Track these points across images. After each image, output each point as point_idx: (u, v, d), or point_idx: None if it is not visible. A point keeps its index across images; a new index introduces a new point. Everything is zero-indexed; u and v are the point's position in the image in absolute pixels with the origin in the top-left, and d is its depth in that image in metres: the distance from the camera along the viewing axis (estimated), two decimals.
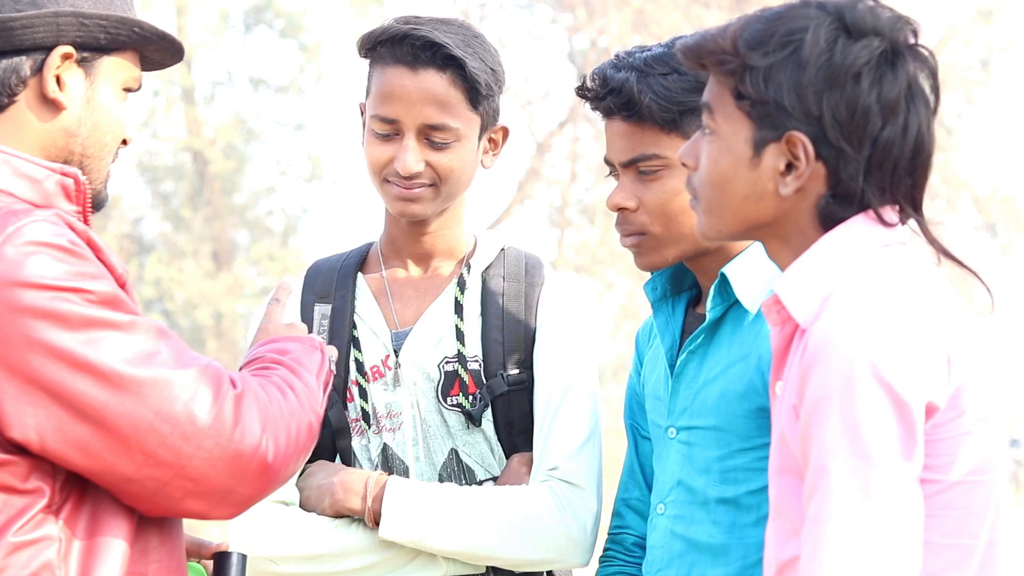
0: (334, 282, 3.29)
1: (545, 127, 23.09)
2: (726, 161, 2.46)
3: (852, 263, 2.40)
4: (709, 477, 2.98)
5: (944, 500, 2.38)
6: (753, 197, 2.45)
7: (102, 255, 2.48)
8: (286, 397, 2.53)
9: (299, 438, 2.52)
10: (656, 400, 3.12)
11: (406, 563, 3.14)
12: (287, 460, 2.50)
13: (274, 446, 2.46)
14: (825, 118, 2.39)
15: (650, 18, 21.72)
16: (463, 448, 3.21)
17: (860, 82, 2.39)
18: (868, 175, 2.42)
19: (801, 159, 2.41)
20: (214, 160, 22.93)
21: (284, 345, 2.68)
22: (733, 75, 2.44)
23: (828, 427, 2.31)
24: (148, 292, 22.54)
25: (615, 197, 3.03)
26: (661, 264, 3.05)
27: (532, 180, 23.12)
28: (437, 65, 3.14)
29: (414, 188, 3.17)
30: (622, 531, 3.21)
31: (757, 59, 2.41)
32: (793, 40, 2.40)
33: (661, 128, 2.97)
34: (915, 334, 2.33)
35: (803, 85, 2.39)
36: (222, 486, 2.43)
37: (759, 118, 2.42)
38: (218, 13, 23.83)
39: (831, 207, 2.44)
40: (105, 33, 2.58)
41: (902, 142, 2.42)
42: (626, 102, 2.98)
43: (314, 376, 2.62)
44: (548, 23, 23.45)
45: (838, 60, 2.39)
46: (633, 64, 3.00)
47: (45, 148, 2.58)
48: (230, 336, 22.96)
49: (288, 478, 2.55)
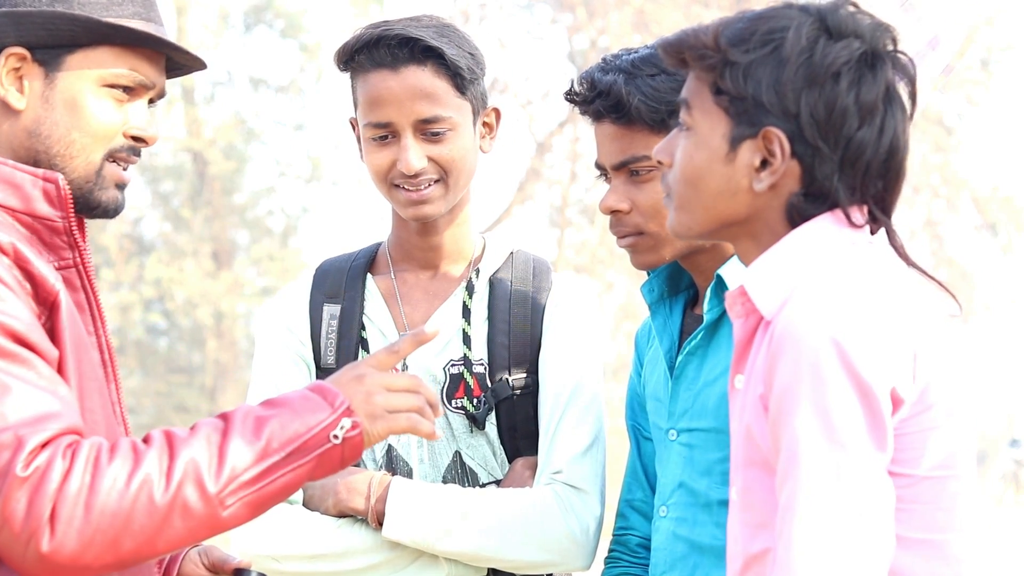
0: (343, 283, 3.30)
1: (545, 127, 23.08)
2: (701, 156, 2.47)
3: (819, 258, 2.42)
4: (711, 479, 2.98)
5: (912, 494, 2.39)
6: (727, 193, 2.47)
7: (31, 267, 2.45)
8: (130, 478, 2.36)
9: (126, 524, 2.35)
10: (656, 402, 3.12)
11: (408, 564, 3.14)
12: (86, 547, 2.33)
13: (61, 533, 2.32)
14: (803, 116, 2.41)
15: (650, 18, 21.71)
16: (467, 451, 3.21)
17: (839, 82, 2.41)
18: (841, 174, 2.44)
19: (777, 155, 2.43)
20: (214, 160, 22.92)
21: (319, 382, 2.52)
22: (713, 70, 2.45)
23: (798, 414, 2.33)
24: (148, 292, 22.53)
25: (608, 200, 3.03)
26: (657, 263, 3.05)
27: (532, 180, 23.11)
28: (417, 60, 3.15)
29: (423, 188, 3.18)
30: (626, 532, 3.21)
31: (738, 55, 2.43)
32: (774, 38, 2.43)
33: (651, 129, 2.98)
34: (879, 324, 2.34)
35: (782, 82, 2.41)
36: (17, 564, 2.36)
37: (737, 114, 2.44)
38: (218, 13, 23.82)
39: (802, 205, 2.45)
40: (44, 30, 2.56)
41: (877, 144, 2.44)
42: (615, 104, 2.98)
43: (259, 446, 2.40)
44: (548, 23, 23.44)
45: (818, 59, 2.41)
46: (620, 66, 3.00)
47: (14, 150, 2.58)
48: (230, 336, 22.95)
49: (123, 561, 2.38)
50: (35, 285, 2.46)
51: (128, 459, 2.37)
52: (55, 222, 2.54)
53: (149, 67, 2.65)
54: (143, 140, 2.64)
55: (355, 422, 2.46)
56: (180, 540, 2.39)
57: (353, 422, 2.45)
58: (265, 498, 2.42)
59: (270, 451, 2.41)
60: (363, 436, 2.46)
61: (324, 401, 2.46)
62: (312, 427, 2.44)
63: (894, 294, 2.39)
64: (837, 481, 2.31)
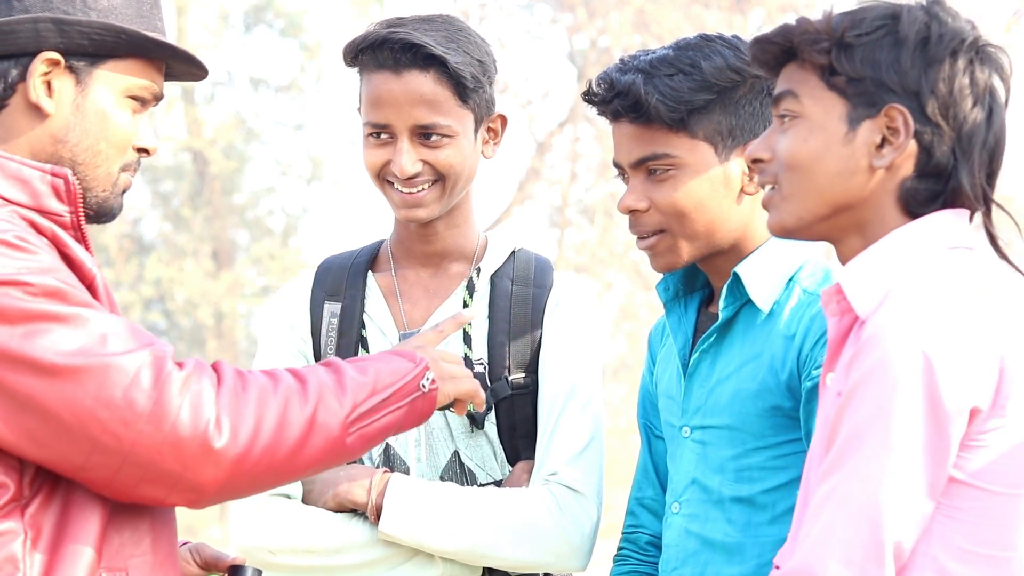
0: (344, 280, 3.30)
1: (545, 127, 23.09)
2: (817, 140, 2.50)
3: (916, 261, 2.44)
4: (724, 476, 2.99)
5: (983, 508, 2.39)
6: (846, 173, 2.49)
7: (69, 250, 2.50)
8: (276, 386, 2.50)
9: (282, 429, 2.48)
10: (669, 400, 3.12)
11: (403, 562, 3.14)
12: (252, 447, 2.45)
13: (229, 431, 2.43)
14: (924, 92, 2.46)
15: (650, 18, 21.72)
16: (465, 451, 3.21)
17: (957, 61, 2.47)
18: (959, 153, 2.48)
19: (900, 131, 2.46)
20: (214, 160, 22.93)
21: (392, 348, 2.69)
22: (827, 53, 2.49)
23: (861, 411, 2.34)
24: (148, 292, 22.55)
25: (626, 200, 3.04)
26: (676, 264, 3.06)
27: (532, 180, 23.12)
28: (419, 66, 3.15)
29: (417, 192, 3.18)
30: (636, 530, 3.22)
31: (853, 38, 2.48)
32: (887, 23, 2.49)
33: (669, 128, 2.99)
34: (968, 339, 2.35)
35: (901, 61, 2.47)
36: (173, 472, 2.42)
37: (855, 95, 2.48)
38: (218, 13, 23.83)
39: (917, 187, 2.48)
40: (88, 39, 2.59)
41: (987, 128, 2.49)
42: (634, 104, 2.99)
43: (367, 380, 2.57)
44: (548, 23, 23.44)
45: (935, 39, 2.47)
46: (638, 66, 3.01)
47: (35, 153, 2.59)
48: (230, 336, 22.96)
49: (275, 471, 2.49)
50: (74, 268, 2.50)
51: (262, 375, 2.51)
52: (63, 217, 2.56)
53: (160, 78, 2.69)
54: (147, 151, 2.69)
55: (433, 378, 2.66)
56: (316, 459, 2.52)
57: (432, 378, 2.66)
58: (374, 433, 2.58)
59: (378, 388, 2.58)
60: (438, 393, 2.67)
61: (405, 359, 2.64)
62: (405, 374, 2.62)
63: (985, 305, 2.40)
64: (878, 484, 2.32)
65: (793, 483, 2.91)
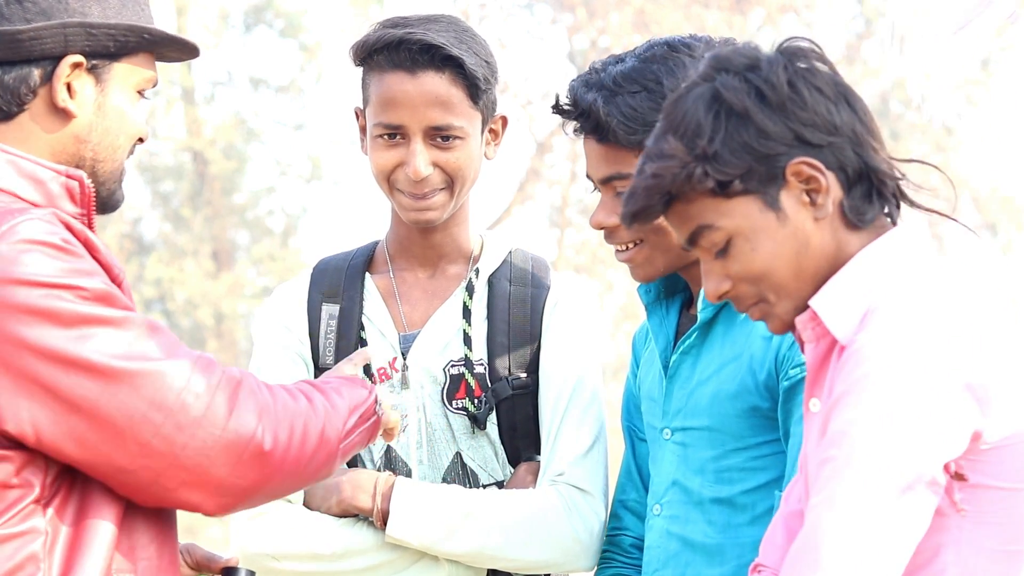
0: (342, 282, 3.29)
1: (545, 127, 23.08)
2: (760, 243, 2.48)
3: (891, 277, 2.44)
4: (704, 477, 3.00)
5: (1005, 507, 2.40)
6: (804, 246, 2.48)
7: (99, 254, 2.51)
8: (295, 399, 2.55)
9: (305, 439, 2.52)
10: (651, 401, 3.13)
11: (408, 566, 3.14)
12: (287, 454, 2.49)
13: (272, 437, 2.47)
14: (797, 131, 2.44)
15: (650, 18, 21.71)
16: (467, 452, 3.21)
17: (794, 86, 2.45)
18: (858, 152, 2.47)
19: (815, 176, 2.45)
20: (214, 160, 22.92)
21: (327, 377, 2.73)
22: (705, 178, 2.45)
23: (858, 406, 2.34)
24: (148, 292, 22.54)
25: (598, 216, 3.05)
26: (655, 275, 3.08)
27: (532, 180, 23.11)
28: (436, 66, 3.14)
29: (427, 197, 3.18)
30: (620, 533, 3.22)
31: (707, 144, 2.45)
32: (719, 107, 2.45)
33: (630, 149, 2.98)
34: (952, 348, 2.36)
35: (760, 127, 2.44)
36: (217, 476, 2.45)
37: (754, 184, 2.46)
38: (218, 13, 23.82)
39: (853, 202, 2.48)
40: (114, 41, 2.60)
41: (853, 110, 2.48)
42: (595, 126, 3.00)
43: (345, 402, 2.63)
44: (548, 23, 23.43)
45: (766, 88, 2.45)
46: (602, 82, 3.00)
47: (55, 154, 2.60)
48: (230, 336, 22.95)
49: (294, 478, 2.54)
50: (104, 270, 2.51)
51: (277, 387, 2.56)
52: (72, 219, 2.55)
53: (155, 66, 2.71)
54: (143, 139, 2.70)
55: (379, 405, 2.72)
56: (319, 472, 2.58)
57: (379, 404, 2.71)
58: (349, 451, 2.64)
59: (352, 410, 2.64)
60: (380, 420, 2.72)
61: (358, 386, 2.69)
62: (365, 399, 2.67)
63: (966, 316, 2.40)
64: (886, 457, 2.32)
65: (772, 484, 2.93)
